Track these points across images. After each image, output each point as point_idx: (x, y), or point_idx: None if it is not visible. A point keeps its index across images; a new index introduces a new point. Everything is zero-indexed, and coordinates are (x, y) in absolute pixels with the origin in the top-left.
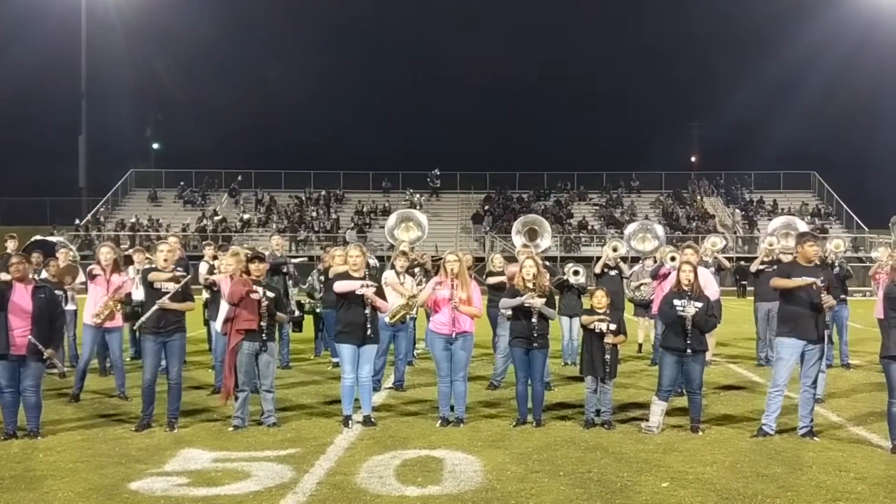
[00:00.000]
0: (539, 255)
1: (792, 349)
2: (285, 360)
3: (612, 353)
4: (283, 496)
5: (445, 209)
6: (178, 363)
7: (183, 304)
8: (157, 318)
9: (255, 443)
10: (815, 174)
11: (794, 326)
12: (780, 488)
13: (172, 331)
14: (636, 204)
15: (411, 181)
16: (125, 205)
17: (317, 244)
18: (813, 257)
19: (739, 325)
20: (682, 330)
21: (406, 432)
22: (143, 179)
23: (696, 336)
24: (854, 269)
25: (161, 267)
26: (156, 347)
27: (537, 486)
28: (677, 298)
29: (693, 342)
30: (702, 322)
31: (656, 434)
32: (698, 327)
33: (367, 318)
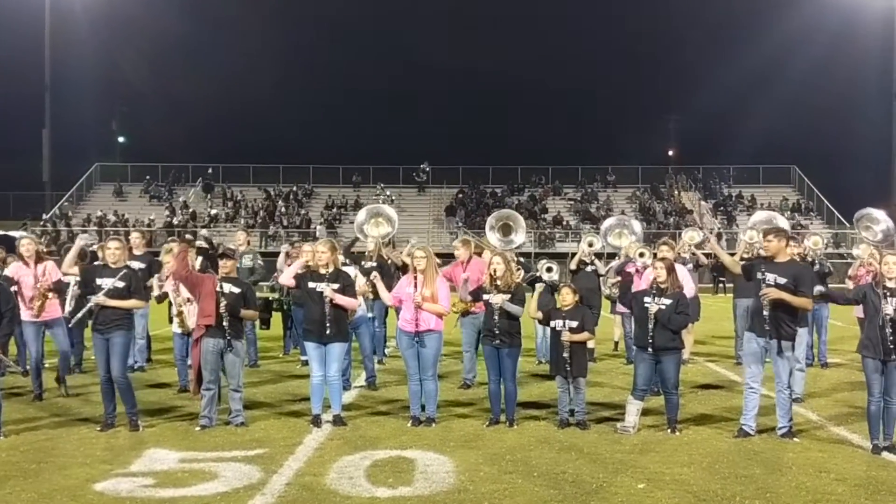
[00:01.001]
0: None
1: (755, 345)
2: (253, 359)
3: (574, 351)
4: (251, 497)
5: (417, 204)
6: (119, 362)
7: (125, 302)
8: (96, 315)
9: (222, 443)
10: (794, 168)
11: (757, 322)
12: (758, 490)
13: (113, 328)
14: (612, 199)
15: (382, 175)
16: (90, 199)
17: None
18: (775, 252)
19: (718, 322)
20: (646, 327)
21: (377, 432)
22: (108, 173)
23: (663, 334)
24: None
25: (110, 264)
26: (101, 344)
27: (511, 487)
28: (648, 295)
29: (657, 340)
30: (665, 319)
31: (632, 434)
32: (662, 325)
33: (326, 316)
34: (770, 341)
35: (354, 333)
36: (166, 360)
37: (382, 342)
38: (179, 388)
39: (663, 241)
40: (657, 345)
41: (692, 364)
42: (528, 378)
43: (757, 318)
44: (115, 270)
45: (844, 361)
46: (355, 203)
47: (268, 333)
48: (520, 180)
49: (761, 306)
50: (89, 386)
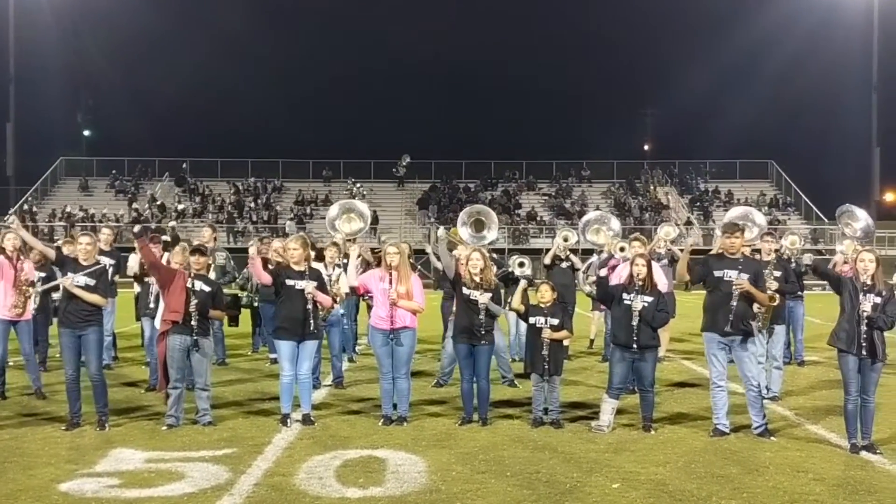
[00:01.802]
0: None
1: (711, 343)
2: (220, 357)
3: (553, 349)
4: (219, 498)
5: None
6: (96, 359)
7: (90, 295)
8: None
9: (189, 442)
10: (772, 163)
11: (712, 320)
12: (735, 490)
13: (86, 325)
14: (587, 194)
15: (353, 170)
16: (55, 194)
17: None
18: (730, 250)
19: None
20: (630, 325)
21: (347, 431)
22: (73, 168)
23: (644, 332)
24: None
25: (81, 260)
26: (71, 341)
27: (483, 487)
28: (626, 293)
29: (641, 338)
30: (649, 317)
31: (607, 433)
32: (646, 322)
33: (308, 314)
34: (733, 339)
35: (326, 331)
36: (132, 357)
37: (353, 340)
38: (148, 386)
39: (635, 236)
40: (641, 343)
41: (668, 362)
42: (500, 376)
43: (717, 315)
44: (85, 266)
45: (822, 359)
46: (326, 198)
47: (236, 331)
48: (493, 175)
49: (719, 304)
50: (54, 385)
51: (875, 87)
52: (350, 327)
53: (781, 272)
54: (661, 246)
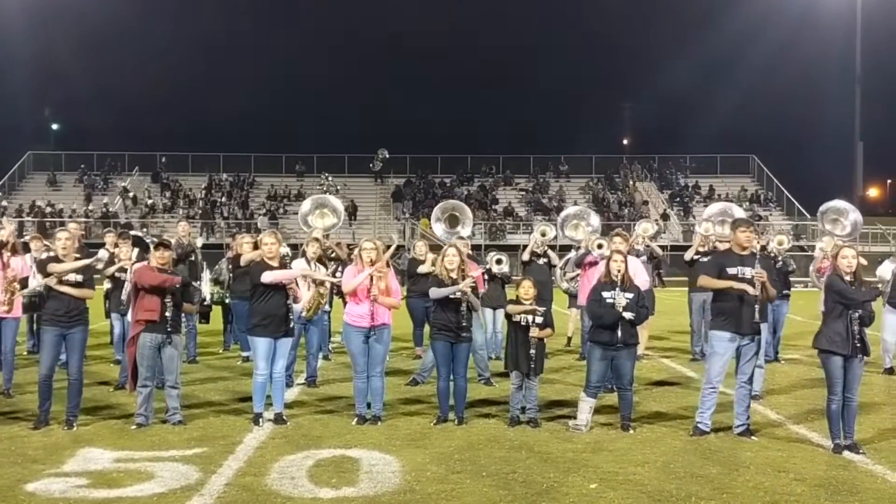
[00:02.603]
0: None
1: (727, 343)
2: (192, 354)
3: (537, 347)
4: (189, 498)
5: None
6: (79, 358)
7: (79, 291)
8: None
9: (159, 442)
10: (754, 158)
11: (729, 319)
12: (715, 490)
13: (74, 323)
14: (565, 189)
15: (326, 164)
16: (22, 189)
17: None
18: (745, 244)
19: (673, 317)
20: (612, 322)
21: (320, 431)
22: (41, 162)
23: (626, 329)
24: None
25: (60, 256)
26: (55, 339)
27: (459, 487)
28: (606, 290)
29: (624, 335)
30: (631, 314)
31: (584, 432)
32: (628, 320)
33: (288, 310)
34: (743, 337)
35: (304, 329)
36: (100, 355)
37: (327, 337)
38: (117, 385)
39: (616, 232)
40: (623, 340)
41: (647, 360)
42: (477, 374)
43: (731, 314)
44: None
45: (803, 357)
46: (298, 193)
47: (207, 328)
48: (469, 170)
49: (738, 302)
50: (23, 385)
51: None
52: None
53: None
54: (639, 242)
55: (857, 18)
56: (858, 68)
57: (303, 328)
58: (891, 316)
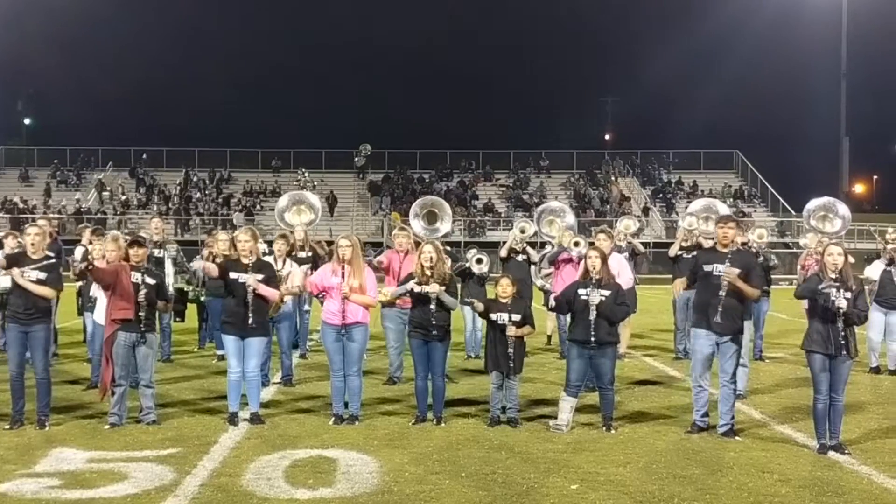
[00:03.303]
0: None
1: (704, 340)
2: (166, 353)
3: (516, 346)
4: (163, 499)
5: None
6: (43, 356)
7: (39, 288)
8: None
9: (133, 442)
10: (738, 153)
11: (706, 317)
12: (698, 491)
13: (34, 321)
14: (546, 185)
15: (304, 160)
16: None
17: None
18: (724, 241)
19: (656, 315)
20: (587, 320)
21: (296, 431)
22: (13, 157)
23: (602, 327)
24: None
25: (29, 252)
26: (17, 336)
27: (437, 488)
28: (582, 287)
29: (599, 333)
30: (608, 311)
31: (565, 432)
32: (605, 317)
33: (248, 308)
34: (722, 337)
35: (274, 327)
36: (73, 353)
37: (305, 336)
38: (89, 384)
39: (601, 229)
40: (599, 339)
41: (629, 359)
42: (457, 373)
43: (705, 312)
44: (35, 259)
45: (788, 356)
46: (275, 189)
47: (182, 326)
48: (449, 165)
49: (709, 300)
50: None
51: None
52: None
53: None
54: (621, 239)
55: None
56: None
57: (273, 326)
58: (878, 314)
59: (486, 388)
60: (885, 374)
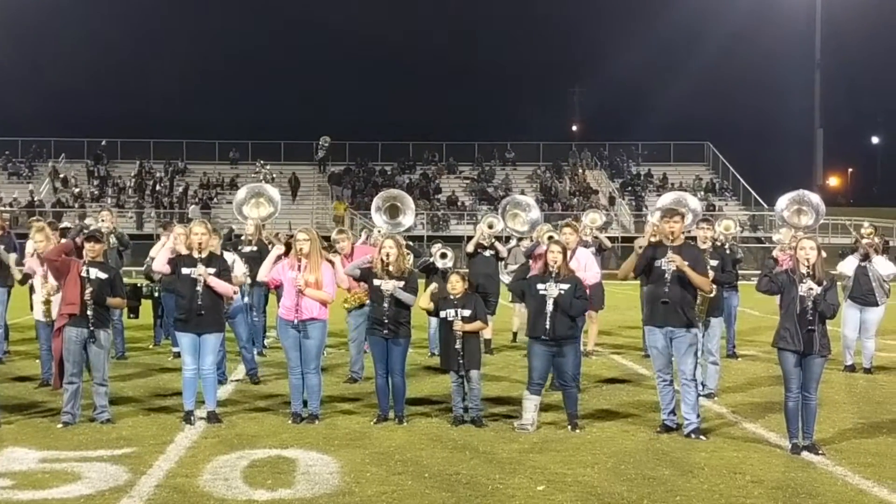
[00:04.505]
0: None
1: (657, 336)
2: (120, 350)
3: (467, 341)
4: (118, 500)
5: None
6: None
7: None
8: None
9: (86, 441)
10: (708, 145)
11: (654, 312)
12: (668, 492)
13: None
14: (511, 177)
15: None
16: None
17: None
18: (668, 234)
19: (624, 311)
20: (543, 314)
21: (255, 430)
22: None
23: (562, 322)
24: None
25: None
26: None
27: (399, 489)
28: (541, 282)
29: (558, 328)
30: (566, 305)
31: (531, 432)
32: (563, 311)
33: (200, 304)
34: (674, 331)
35: (229, 323)
36: (25, 350)
37: (261, 333)
38: (41, 382)
39: (566, 222)
40: (557, 334)
41: (597, 356)
42: (419, 372)
43: (655, 307)
44: None
45: (760, 354)
46: (233, 181)
47: (136, 323)
48: (411, 157)
49: (659, 294)
50: None
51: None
52: (259, 319)
53: (718, 261)
54: (587, 233)
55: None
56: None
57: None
58: (852, 311)
59: (449, 387)
60: (860, 372)
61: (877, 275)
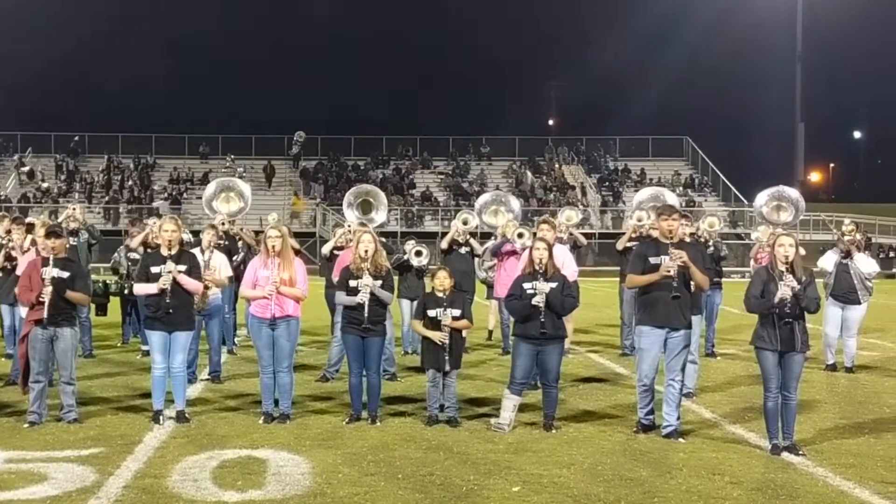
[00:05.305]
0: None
1: (653, 338)
2: (87, 348)
3: (454, 342)
4: (85, 501)
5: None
6: None
7: None
8: None
9: (53, 441)
10: (687, 140)
11: (653, 312)
12: (645, 494)
13: None
14: (486, 173)
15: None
16: None
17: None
18: (668, 233)
19: (601, 309)
20: (536, 314)
21: (224, 430)
22: None
23: (551, 320)
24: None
25: None
26: None
27: (372, 490)
28: (528, 281)
29: (548, 328)
30: (557, 303)
31: (507, 432)
32: (554, 310)
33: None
34: (671, 332)
35: (204, 322)
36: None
37: (232, 330)
38: (7, 380)
39: (543, 219)
40: (547, 333)
41: (573, 355)
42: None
43: (657, 306)
44: None
45: (740, 352)
46: (203, 176)
47: (105, 320)
48: (385, 152)
49: (659, 294)
50: None
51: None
52: (230, 317)
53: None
54: (563, 230)
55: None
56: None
57: (202, 321)
58: (833, 309)
59: (423, 386)
60: (842, 371)
61: (858, 272)
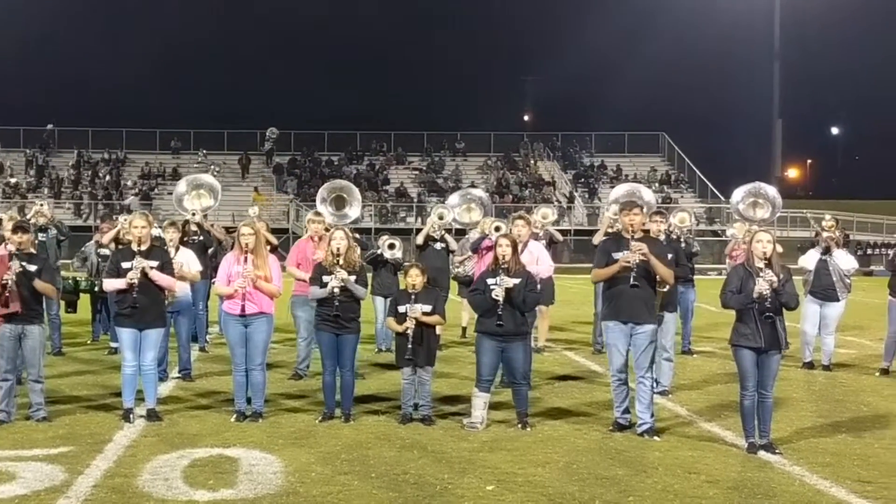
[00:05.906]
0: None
1: (617, 332)
2: (56, 346)
3: (426, 337)
4: (54, 501)
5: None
6: None
7: None
8: None
9: (21, 440)
10: (664, 136)
11: (616, 306)
12: (621, 492)
13: None
14: (461, 168)
15: (204, 141)
16: None
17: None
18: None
19: (578, 306)
20: (494, 310)
21: (196, 428)
22: None
23: (512, 316)
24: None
25: None
26: None
27: (346, 489)
28: (491, 277)
29: (507, 323)
30: (518, 300)
31: (480, 430)
32: (515, 305)
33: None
34: (635, 326)
35: (173, 319)
36: None
37: (204, 327)
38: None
39: (518, 215)
40: (507, 329)
41: (548, 353)
42: (366, 368)
43: (619, 301)
44: None
45: (717, 350)
46: (174, 172)
47: (75, 318)
48: (359, 147)
49: (621, 289)
50: None
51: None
52: (203, 314)
53: (672, 255)
54: (538, 227)
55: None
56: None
57: (171, 318)
58: (813, 307)
59: (397, 384)
60: (819, 369)
61: (837, 269)
